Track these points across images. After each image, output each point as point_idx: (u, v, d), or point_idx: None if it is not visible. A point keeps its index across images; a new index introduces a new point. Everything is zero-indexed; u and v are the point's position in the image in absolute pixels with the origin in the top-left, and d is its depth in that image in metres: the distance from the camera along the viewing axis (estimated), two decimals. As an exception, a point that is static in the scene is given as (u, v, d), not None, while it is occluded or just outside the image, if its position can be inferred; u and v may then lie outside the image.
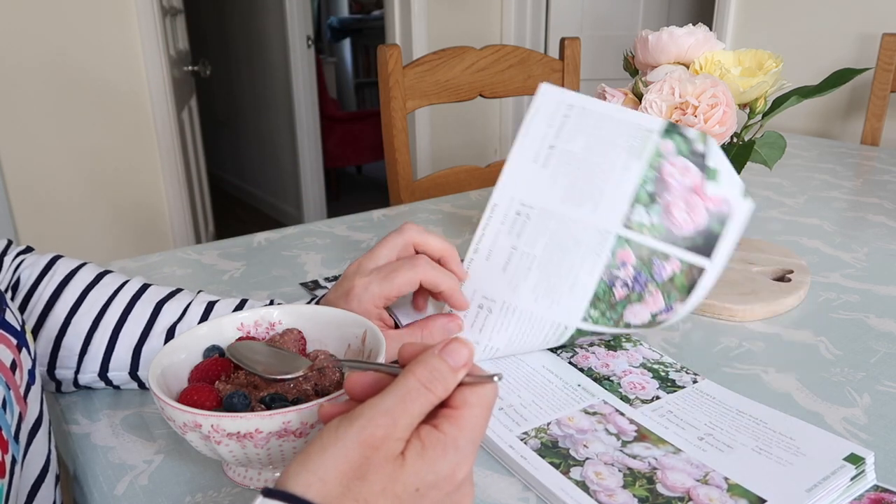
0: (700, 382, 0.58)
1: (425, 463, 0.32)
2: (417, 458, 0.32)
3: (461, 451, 0.32)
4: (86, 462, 0.51)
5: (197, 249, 0.92)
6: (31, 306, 0.55)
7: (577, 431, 0.51)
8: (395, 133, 1.26)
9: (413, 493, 0.31)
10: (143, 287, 0.58)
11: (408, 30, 2.60)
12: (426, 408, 0.33)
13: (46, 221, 1.98)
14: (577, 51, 1.42)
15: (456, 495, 0.33)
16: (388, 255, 0.57)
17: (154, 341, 0.55)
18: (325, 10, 5.74)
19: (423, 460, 0.32)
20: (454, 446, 0.32)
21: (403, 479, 0.31)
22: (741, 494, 0.44)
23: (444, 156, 2.80)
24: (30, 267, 0.57)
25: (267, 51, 3.41)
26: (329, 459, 0.31)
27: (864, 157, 1.41)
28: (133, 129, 2.06)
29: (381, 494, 0.31)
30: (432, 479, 0.32)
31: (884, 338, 0.67)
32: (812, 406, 0.56)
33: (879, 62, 1.62)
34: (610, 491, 0.45)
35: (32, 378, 0.46)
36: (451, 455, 0.32)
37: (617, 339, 0.65)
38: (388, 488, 0.31)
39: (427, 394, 0.33)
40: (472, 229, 0.99)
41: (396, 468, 0.31)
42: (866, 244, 0.91)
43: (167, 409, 0.41)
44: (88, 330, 0.55)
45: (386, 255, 0.57)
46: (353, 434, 0.31)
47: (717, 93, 0.66)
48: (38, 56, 1.86)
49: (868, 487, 0.46)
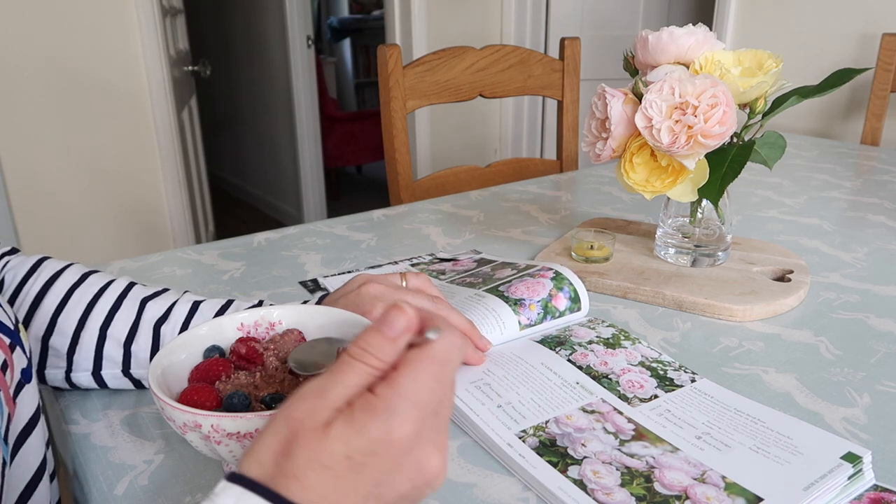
0: (698, 381, 0.58)
1: (352, 428, 0.30)
2: (344, 424, 0.30)
3: (395, 410, 0.30)
4: (86, 462, 0.51)
5: (197, 249, 0.92)
6: (16, 307, 0.55)
7: (576, 430, 0.51)
8: (395, 133, 1.26)
9: (344, 460, 0.30)
10: (129, 286, 0.58)
11: (408, 30, 2.60)
12: (363, 378, 0.32)
13: (46, 222, 1.99)
14: (577, 51, 1.42)
15: (408, 462, 0.31)
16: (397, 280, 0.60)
17: (142, 338, 0.55)
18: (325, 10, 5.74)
19: (350, 425, 0.30)
20: (386, 407, 0.30)
21: (329, 447, 0.30)
22: (738, 493, 0.44)
23: (444, 156, 2.80)
24: (15, 268, 0.57)
25: (267, 51, 3.41)
26: (263, 440, 0.31)
27: (864, 157, 1.41)
28: (133, 129, 2.06)
29: (308, 467, 0.30)
30: (362, 443, 0.30)
31: (884, 338, 0.67)
32: (812, 406, 0.56)
33: (879, 62, 1.62)
34: (608, 489, 0.45)
35: (27, 377, 0.46)
36: (383, 416, 0.30)
37: (616, 336, 0.65)
38: (314, 459, 0.30)
39: (359, 365, 0.32)
40: (471, 229, 0.99)
41: (320, 438, 0.30)
42: (866, 244, 0.91)
43: (167, 409, 0.41)
44: (75, 329, 0.55)
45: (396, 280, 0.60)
46: (283, 412, 0.31)
47: (717, 93, 0.66)
48: (38, 56, 1.86)
49: (868, 487, 0.46)
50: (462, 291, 0.72)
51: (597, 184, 1.23)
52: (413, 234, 0.98)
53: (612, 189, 1.20)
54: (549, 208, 1.09)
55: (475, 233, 0.98)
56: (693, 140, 0.67)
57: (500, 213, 1.07)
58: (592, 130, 0.77)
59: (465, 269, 0.80)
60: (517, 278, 0.71)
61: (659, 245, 0.83)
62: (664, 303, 0.74)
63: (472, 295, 0.69)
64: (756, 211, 1.06)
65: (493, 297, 0.67)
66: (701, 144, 0.67)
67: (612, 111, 0.72)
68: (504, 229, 0.99)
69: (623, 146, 0.74)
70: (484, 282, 0.73)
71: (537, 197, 1.15)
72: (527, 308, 0.66)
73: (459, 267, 0.82)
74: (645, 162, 0.73)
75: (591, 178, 1.27)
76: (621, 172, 0.75)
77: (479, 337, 0.61)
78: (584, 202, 1.12)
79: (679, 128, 0.67)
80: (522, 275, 0.72)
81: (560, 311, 0.68)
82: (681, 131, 0.67)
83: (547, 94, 1.42)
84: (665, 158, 0.71)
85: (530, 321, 0.66)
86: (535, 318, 0.66)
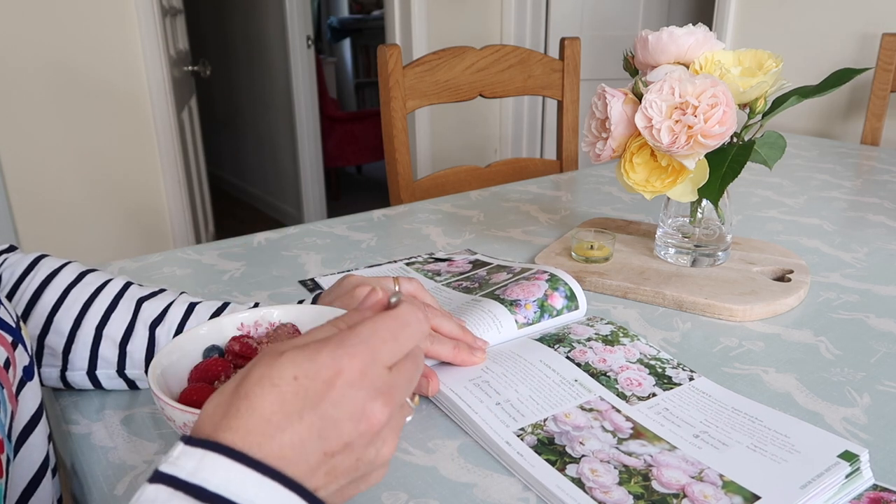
0: (696, 380, 0.58)
1: (305, 352, 0.32)
2: (297, 350, 0.32)
3: (346, 343, 0.32)
4: (86, 462, 0.51)
5: (197, 249, 0.92)
6: (13, 305, 0.55)
7: (574, 428, 0.51)
8: (395, 133, 1.26)
9: (292, 381, 0.31)
10: (126, 285, 0.58)
11: (408, 30, 2.60)
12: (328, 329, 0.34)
13: (46, 222, 1.99)
14: (577, 51, 1.42)
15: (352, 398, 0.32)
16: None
17: (138, 338, 0.55)
18: (325, 10, 5.74)
19: (304, 350, 0.32)
20: (338, 341, 0.32)
21: (280, 364, 0.31)
22: (736, 491, 0.45)
23: (444, 156, 2.80)
24: (13, 265, 0.57)
25: (267, 51, 3.41)
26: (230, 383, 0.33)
27: (864, 157, 1.41)
28: (133, 129, 2.06)
29: (259, 383, 0.31)
30: (311, 367, 0.31)
31: (884, 338, 0.67)
32: (812, 406, 0.56)
33: (879, 62, 1.62)
34: (605, 488, 0.45)
35: (29, 374, 0.46)
36: (334, 345, 0.32)
37: (614, 333, 0.65)
38: (264, 376, 0.31)
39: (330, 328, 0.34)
40: (471, 229, 0.99)
41: (274, 357, 0.32)
42: (866, 244, 0.91)
43: (167, 409, 0.41)
44: (71, 328, 0.55)
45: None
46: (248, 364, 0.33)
47: (717, 93, 0.66)
48: (38, 57, 1.86)
49: (867, 487, 0.46)
50: (459, 297, 0.72)
51: (597, 184, 1.24)
52: (413, 234, 0.98)
53: (612, 189, 1.20)
54: (549, 208, 1.09)
55: (475, 233, 0.98)
56: (693, 140, 0.67)
57: (500, 213, 1.07)
58: (592, 130, 0.77)
59: (460, 272, 0.80)
60: (513, 282, 0.71)
61: (659, 245, 0.83)
62: (664, 303, 0.74)
63: (468, 300, 0.69)
64: (756, 211, 1.06)
65: (489, 299, 0.68)
66: (701, 144, 0.67)
67: (612, 111, 0.72)
68: (504, 229, 0.99)
69: (623, 146, 0.74)
70: (480, 287, 0.73)
71: (537, 197, 1.15)
72: (522, 307, 0.66)
73: (454, 268, 0.82)
74: (645, 162, 0.73)
75: (591, 178, 1.27)
76: (621, 172, 0.75)
77: (473, 339, 0.61)
78: (584, 202, 1.12)
79: (679, 128, 0.67)
80: (518, 278, 0.72)
81: (557, 310, 0.68)
82: (681, 131, 0.67)
83: (547, 94, 1.43)
84: (665, 158, 0.71)
85: (527, 320, 0.66)
86: (532, 316, 0.66)
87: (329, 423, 0.31)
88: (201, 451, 0.29)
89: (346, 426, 0.32)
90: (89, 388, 0.58)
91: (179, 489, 0.28)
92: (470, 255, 0.87)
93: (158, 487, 0.29)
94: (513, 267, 0.77)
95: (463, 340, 0.59)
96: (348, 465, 0.32)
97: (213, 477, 0.29)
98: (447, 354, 0.58)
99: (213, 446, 0.30)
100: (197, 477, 0.29)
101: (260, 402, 0.30)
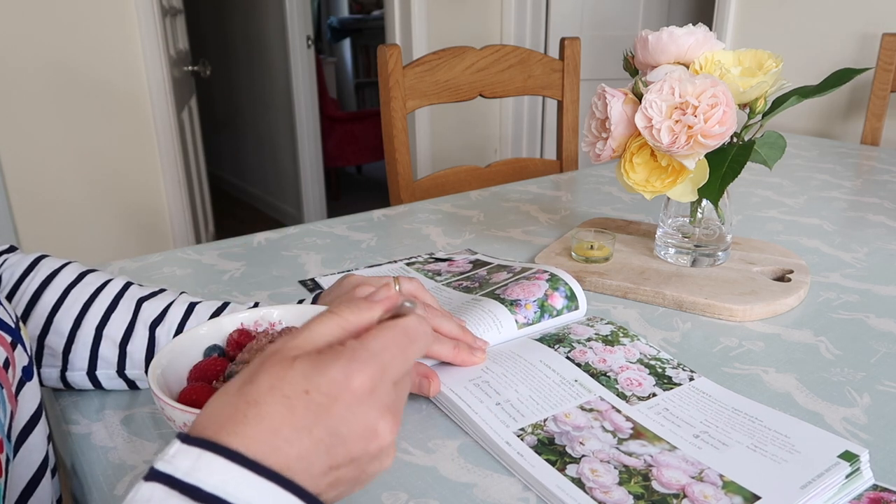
0: (696, 380, 0.58)
1: (316, 365, 0.31)
2: (308, 361, 0.31)
3: (357, 359, 0.32)
4: (86, 462, 0.51)
5: (197, 249, 0.92)
6: (13, 305, 0.55)
7: (574, 428, 0.51)
8: (395, 133, 1.26)
9: (303, 394, 0.31)
10: (126, 285, 0.58)
11: (408, 30, 2.60)
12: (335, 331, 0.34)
13: (46, 222, 1.99)
14: (577, 51, 1.42)
15: (361, 415, 0.32)
16: None
17: (138, 338, 0.55)
18: (325, 10, 5.74)
19: (314, 362, 0.31)
20: (350, 354, 0.32)
21: (291, 377, 0.31)
22: (736, 491, 0.45)
23: (444, 156, 2.80)
24: (13, 266, 0.57)
25: (267, 51, 3.41)
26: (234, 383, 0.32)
27: (864, 157, 1.41)
28: (133, 129, 2.06)
29: (269, 392, 0.31)
30: (322, 381, 0.31)
31: (884, 338, 0.67)
32: (812, 406, 0.56)
33: (879, 62, 1.62)
34: (605, 488, 0.45)
35: (29, 375, 0.46)
36: (345, 360, 0.31)
37: (615, 333, 0.65)
38: (275, 385, 0.31)
39: (334, 318, 0.34)
40: (471, 229, 0.99)
41: (285, 367, 0.31)
42: (866, 244, 0.91)
43: (167, 409, 0.41)
44: (71, 328, 0.55)
45: None
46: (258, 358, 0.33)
47: (717, 93, 0.66)
48: (38, 57, 1.86)
49: (867, 487, 0.46)
50: (459, 297, 0.72)
51: (597, 184, 1.24)
52: (413, 234, 0.98)
53: (612, 189, 1.20)
54: (549, 208, 1.09)
55: (475, 233, 0.98)
56: (693, 140, 0.67)
57: (500, 213, 1.07)
58: (592, 130, 0.77)
59: (460, 272, 0.80)
60: (513, 282, 0.71)
61: (659, 245, 0.83)
62: (664, 303, 0.74)
63: (469, 300, 0.69)
64: (756, 211, 1.06)
65: (489, 299, 0.68)
66: (701, 144, 0.67)
67: (612, 111, 0.72)
68: (504, 229, 0.99)
69: (623, 146, 0.74)
70: (481, 286, 0.73)
71: (537, 197, 1.15)
72: (523, 307, 0.66)
73: (455, 268, 0.82)
74: (645, 162, 0.73)
75: (591, 178, 1.27)
76: (621, 172, 0.75)
77: (472, 339, 0.61)
78: (584, 202, 1.12)
79: (679, 128, 0.67)
80: (518, 278, 0.72)
81: (557, 310, 0.68)
82: (681, 131, 0.67)
83: (547, 94, 1.43)
84: (665, 158, 0.71)
85: (527, 320, 0.66)
86: (532, 316, 0.66)
87: (338, 441, 0.31)
88: (198, 451, 0.29)
89: (355, 444, 0.32)
90: (89, 389, 0.58)
91: (175, 489, 0.28)
92: (470, 254, 0.87)
93: (154, 486, 0.29)
94: (513, 267, 0.77)
95: (463, 340, 0.59)
96: (351, 476, 0.33)
97: (210, 477, 0.29)
98: (447, 354, 0.58)
99: (210, 446, 0.29)
100: (192, 476, 0.29)
101: (269, 412, 0.30)
